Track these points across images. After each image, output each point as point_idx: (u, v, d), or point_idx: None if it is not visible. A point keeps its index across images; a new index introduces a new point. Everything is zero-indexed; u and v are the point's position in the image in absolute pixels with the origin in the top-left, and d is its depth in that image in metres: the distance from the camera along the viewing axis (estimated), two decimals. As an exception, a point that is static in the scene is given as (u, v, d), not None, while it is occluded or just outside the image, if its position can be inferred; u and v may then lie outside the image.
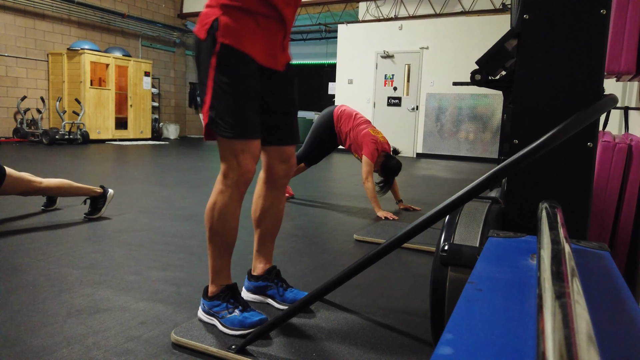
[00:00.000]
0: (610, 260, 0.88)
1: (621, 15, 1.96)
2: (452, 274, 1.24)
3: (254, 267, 1.80)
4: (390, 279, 2.13)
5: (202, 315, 1.58)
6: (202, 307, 1.58)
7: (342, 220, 3.38)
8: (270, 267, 1.78)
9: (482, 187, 1.08)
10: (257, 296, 1.78)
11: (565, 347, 0.38)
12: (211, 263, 1.57)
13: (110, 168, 5.78)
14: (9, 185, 2.68)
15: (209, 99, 1.47)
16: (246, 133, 1.48)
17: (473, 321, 0.58)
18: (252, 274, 1.80)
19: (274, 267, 1.79)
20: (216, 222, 1.52)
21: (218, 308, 1.54)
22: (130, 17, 10.89)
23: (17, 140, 8.82)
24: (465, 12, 9.19)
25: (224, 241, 1.55)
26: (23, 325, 1.53)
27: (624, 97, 3.68)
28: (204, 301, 1.58)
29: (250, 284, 1.79)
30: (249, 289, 1.79)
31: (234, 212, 1.52)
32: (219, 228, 1.53)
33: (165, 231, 2.81)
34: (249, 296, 1.79)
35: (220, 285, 1.57)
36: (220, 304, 1.54)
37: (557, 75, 1.24)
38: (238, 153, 1.47)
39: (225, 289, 1.56)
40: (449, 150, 9.45)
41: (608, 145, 1.88)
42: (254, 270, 1.80)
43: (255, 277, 1.78)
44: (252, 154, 1.50)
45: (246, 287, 1.80)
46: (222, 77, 1.45)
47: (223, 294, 1.55)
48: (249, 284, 1.80)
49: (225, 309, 1.53)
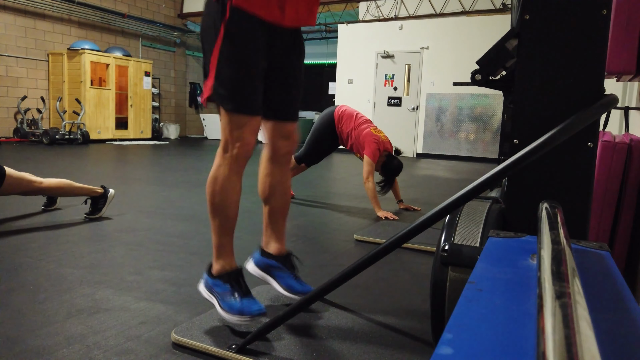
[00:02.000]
0: (610, 260, 0.88)
1: (621, 15, 1.96)
2: (452, 274, 1.24)
3: (267, 243, 1.77)
4: (391, 279, 2.13)
5: (202, 290, 1.59)
6: (205, 282, 1.59)
7: (342, 220, 3.38)
8: (288, 253, 1.76)
9: (483, 187, 1.08)
10: (263, 273, 1.74)
11: (565, 347, 0.38)
12: (214, 239, 1.57)
13: (110, 168, 5.79)
14: (9, 185, 2.68)
15: (214, 68, 1.46)
16: (249, 108, 1.48)
17: (473, 321, 0.58)
18: (265, 250, 1.76)
19: (290, 253, 1.77)
20: (217, 196, 1.53)
21: (220, 289, 1.53)
22: (130, 17, 10.89)
23: (17, 140, 8.82)
24: (466, 12, 9.19)
25: (225, 215, 1.55)
26: (23, 325, 1.53)
27: (624, 97, 3.68)
28: (207, 277, 1.58)
29: (262, 259, 1.75)
30: (258, 264, 1.76)
31: (234, 185, 1.53)
32: (220, 202, 1.53)
33: (166, 231, 2.81)
34: (255, 270, 1.76)
35: (225, 266, 1.56)
36: (223, 285, 1.53)
37: (558, 75, 1.24)
38: (239, 127, 1.47)
39: (230, 272, 1.55)
40: (449, 150, 9.45)
41: (608, 145, 1.88)
42: (267, 246, 1.76)
43: (270, 255, 1.74)
44: (253, 129, 1.50)
45: (255, 261, 1.77)
46: (229, 47, 1.44)
47: (227, 276, 1.54)
48: (260, 258, 1.76)
49: (227, 291, 1.52)
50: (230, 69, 1.45)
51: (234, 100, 1.46)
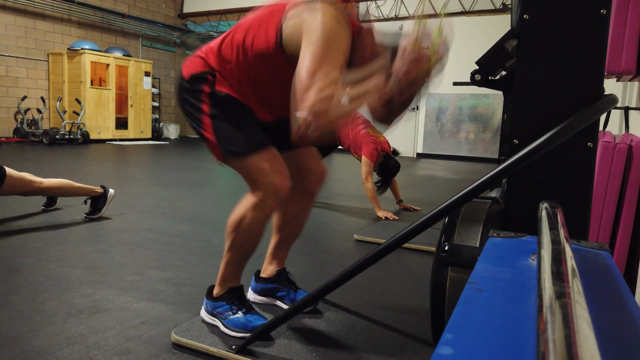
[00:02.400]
0: (610, 260, 0.88)
1: (621, 15, 1.96)
2: (452, 274, 1.24)
3: (264, 269, 1.78)
4: (390, 279, 2.13)
5: (204, 316, 1.57)
6: (206, 307, 1.57)
7: (342, 220, 3.38)
8: (280, 270, 1.76)
9: (483, 187, 1.08)
10: (265, 298, 1.76)
11: (565, 347, 0.38)
12: (225, 268, 1.53)
13: (110, 168, 5.78)
14: (9, 185, 2.68)
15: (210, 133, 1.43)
16: (258, 144, 1.42)
17: (473, 321, 0.58)
18: (260, 275, 1.77)
19: (284, 270, 1.77)
20: (241, 236, 1.47)
21: (222, 309, 1.52)
22: (130, 17, 10.89)
23: (17, 140, 8.82)
24: (466, 12, 9.19)
25: (245, 253, 1.52)
26: (23, 325, 1.53)
27: (624, 97, 3.68)
28: (207, 301, 1.56)
29: (258, 286, 1.76)
30: (256, 291, 1.77)
31: (261, 228, 1.46)
32: (242, 241, 1.48)
33: (166, 231, 2.81)
34: (256, 298, 1.76)
35: (227, 287, 1.54)
36: (224, 305, 1.52)
37: (558, 75, 1.24)
38: (261, 171, 1.41)
39: (231, 290, 1.54)
40: (449, 151, 9.45)
41: (608, 146, 1.88)
42: (264, 272, 1.77)
43: (264, 280, 1.75)
44: (275, 166, 1.42)
45: (253, 289, 1.78)
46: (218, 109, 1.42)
47: (229, 295, 1.53)
48: (256, 285, 1.77)
49: (229, 310, 1.51)
50: (227, 125, 1.42)
51: (243, 146, 1.41)
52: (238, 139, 1.42)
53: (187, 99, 1.47)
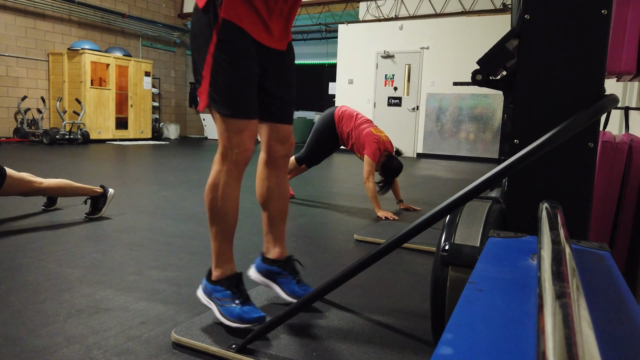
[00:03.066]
0: (610, 260, 0.88)
1: (622, 16, 1.96)
2: (452, 274, 1.24)
3: (267, 249, 1.78)
4: (390, 279, 2.13)
5: (201, 296, 1.59)
6: (204, 288, 1.58)
7: (342, 220, 3.38)
8: (289, 256, 1.77)
9: (483, 187, 1.07)
10: (266, 279, 1.75)
11: (565, 347, 0.38)
12: (214, 246, 1.56)
13: (110, 168, 5.79)
14: (9, 185, 2.68)
15: (207, 75, 1.46)
16: (246, 112, 1.48)
17: (473, 321, 0.58)
18: (266, 256, 1.77)
19: (291, 257, 1.77)
20: (217, 203, 1.51)
21: (219, 294, 1.53)
22: (130, 17, 10.89)
23: (17, 140, 8.82)
24: (466, 12, 9.19)
25: (226, 222, 1.54)
26: (23, 325, 1.53)
27: (625, 97, 3.68)
28: (206, 283, 1.58)
29: (263, 266, 1.76)
30: (260, 270, 1.76)
31: (234, 191, 1.52)
32: (220, 208, 1.52)
33: (166, 231, 2.81)
34: (258, 277, 1.76)
35: (225, 271, 1.55)
36: (223, 291, 1.53)
37: (558, 75, 1.24)
38: (238, 132, 1.47)
39: (230, 277, 1.55)
40: (450, 151, 9.45)
41: (608, 146, 1.88)
42: (268, 252, 1.77)
43: (271, 261, 1.75)
44: (251, 133, 1.50)
45: (257, 267, 1.78)
46: (222, 54, 1.44)
47: (228, 281, 1.54)
48: (261, 265, 1.77)
49: (227, 297, 1.52)
50: (225, 75, 1.45)
51: (231, 105, 1.46)
52: (231, 98, 1.46)
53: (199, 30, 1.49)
